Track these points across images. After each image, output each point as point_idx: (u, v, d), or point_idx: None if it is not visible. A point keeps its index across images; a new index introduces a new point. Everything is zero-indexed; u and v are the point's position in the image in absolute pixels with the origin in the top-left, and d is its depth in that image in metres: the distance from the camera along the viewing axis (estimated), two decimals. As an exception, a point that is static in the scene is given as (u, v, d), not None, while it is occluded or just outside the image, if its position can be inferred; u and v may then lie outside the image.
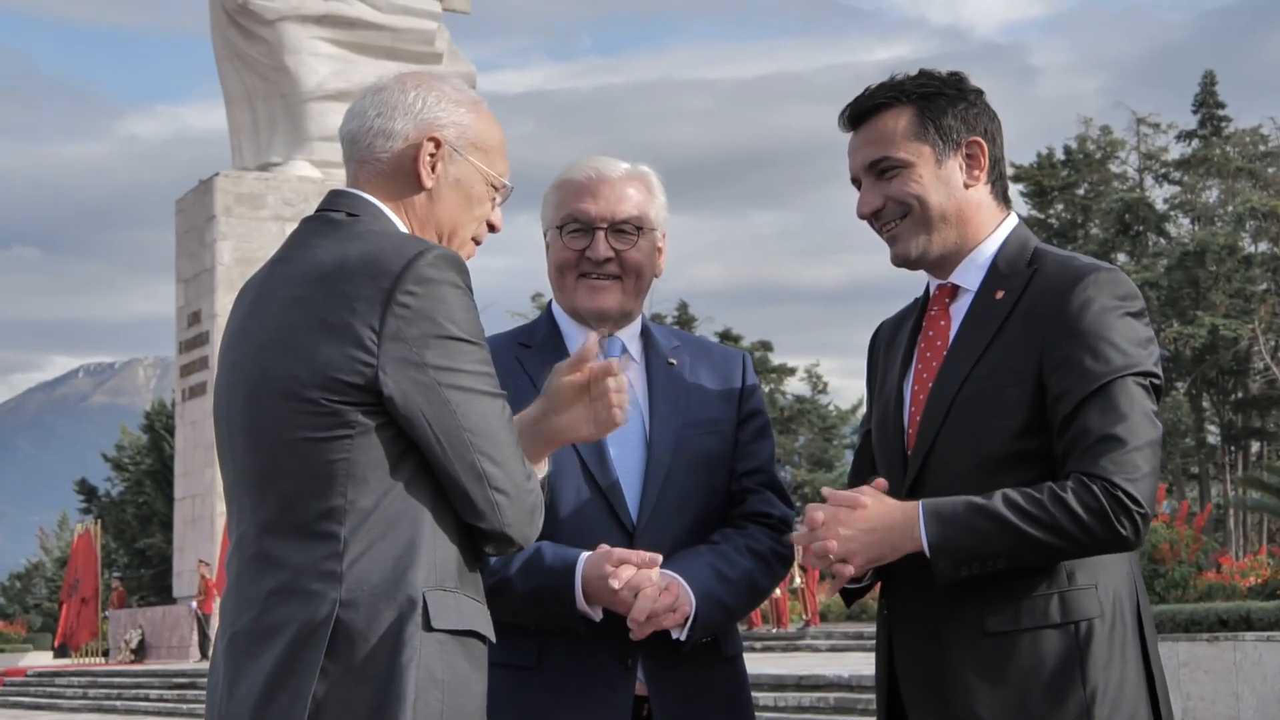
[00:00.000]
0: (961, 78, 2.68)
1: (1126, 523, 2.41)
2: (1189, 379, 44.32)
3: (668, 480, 2.79)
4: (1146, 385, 2.49)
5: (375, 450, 2.17)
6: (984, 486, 2.47)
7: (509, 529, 2.23)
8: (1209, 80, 48.77)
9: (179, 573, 30.64)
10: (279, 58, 30.60)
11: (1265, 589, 12.32)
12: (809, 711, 12.57)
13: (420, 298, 2.17)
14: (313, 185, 29.83)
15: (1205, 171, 46.88)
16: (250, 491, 2.24)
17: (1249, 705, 8.32)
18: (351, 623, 2.13)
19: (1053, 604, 2.47)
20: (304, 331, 2.19)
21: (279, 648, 2.14)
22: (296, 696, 2.12)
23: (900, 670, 2.59)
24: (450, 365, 2.18)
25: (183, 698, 20.68)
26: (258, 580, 2.20)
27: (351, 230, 2.28)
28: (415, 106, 2.35)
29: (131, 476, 51.41)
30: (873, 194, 2.63)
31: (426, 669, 2.14)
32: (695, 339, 3.05)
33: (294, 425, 2.18)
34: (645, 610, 2.60)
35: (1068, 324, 2.48)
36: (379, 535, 2.16)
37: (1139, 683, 2.50)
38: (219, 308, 29.15)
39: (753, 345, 56.49)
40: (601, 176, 2.87)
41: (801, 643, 20.59)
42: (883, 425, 2.69)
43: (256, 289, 2.33)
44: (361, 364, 2.15)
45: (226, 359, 2.33)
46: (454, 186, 2.37)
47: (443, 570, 2.20)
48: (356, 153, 2.37)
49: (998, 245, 2.63)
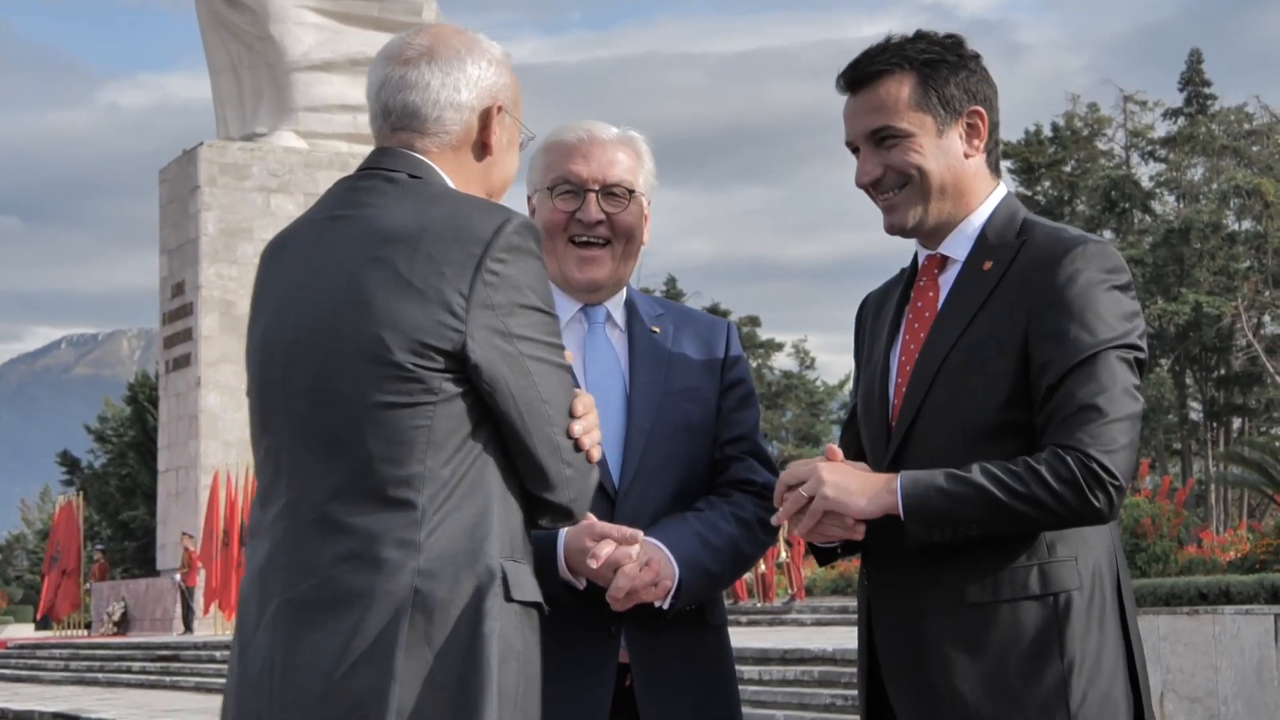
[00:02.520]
0: (960, 41, 2.65)
1: (1100, 495, 2.41)
2: (1172, 355, 44.60)
3: (648, 447, 2.78)
4: (1130, 359, 2.48)
5: (455, 418, 2.15)
6: (968, 457, 2.47)
7: (573, 504, 2.24)
8: (1195, 59, 48.83)
9: (162, 545, 30.75)
10: (264, 27, 30.46)
11: (1244, 563, 12.41)
12: (794, 684, 12.62)
13: (508, 265, 2.16)
14: (298, 156, 29.86)
15: (1191, 149, 47.04)
16: (314, 455, 2.18)
17: (1227, 677, 8.36)
18: (432, 593, 2.10)
19: (1032, 576, 2.47)
20: (387, 293, 2.14)
21: (354, 617, 2.09)
22: (380, 668, 2.07)
23: (879, 640, 2.59)
24: (532, 335, 2.18)
25: (165, 670, 20.70)
26: (322, 547, 2.14)
27: (424, 191, 2.24)
28: (476, 77, 2.33)
29: (114, 448, 51.44)
30: (872, 163, 2.60)
31: (506, 640, 2.13)
32: (679, 307, 3.03)
33: (375, 389, 2.13)
34: (624, 588, 2.60)
35: (1054, 296, 2.47)
36: (456, 504, 2.14)
37: (1117, 654, 2.50)
38: (203, 279, 29.03)
39: (740, 320, 56.70)
40: (594, 138, 2.84)
41: (787, 617, 20.69)
42: (868, 395, 2.68)
43: (312, 245, 2.25)
44: (450, 329, 2.13)
45: (281, 316, 2.25)
46: (507, 149, 2.38)
47: (513, 540, 2.20)
48: (418, 124, 2.31)
49: (986, 216, 2.61)
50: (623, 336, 2.88)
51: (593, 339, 2.87)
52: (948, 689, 2.48)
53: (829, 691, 12.02)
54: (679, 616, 2.73)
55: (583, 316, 2.88)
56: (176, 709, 15.20)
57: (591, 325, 2.88)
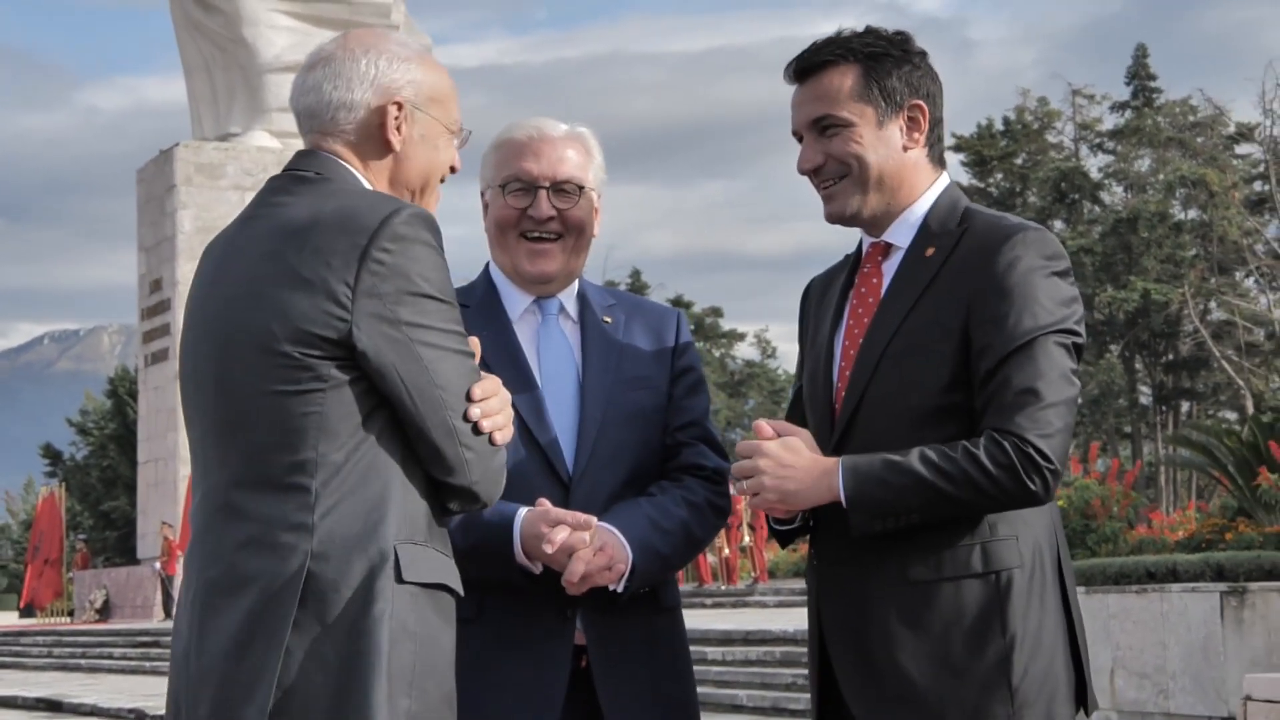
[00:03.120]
0: (907, 38, 2.68)
1: (1036, 479, 2.44)
2: (1122, 341, 45.20)
3: (601, 435, 2.82)
4: (1068, 345, 2.51)
5: (346, 404, 2.17)
6: (911, 440, 2.50)
7: (476, 485, 2.24)
8: (1141, 53, 49.55)
9: (143, 534, 31.14)
10: (237, 29, 30.80)
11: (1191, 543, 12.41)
12: (756, 665, 12.80)
13: (394, 254, 2.17)
14: (272, 155, 30.10)
15: (1137, 141, 47.66)
16: (218, 444, 2.23)
17: (1175, 654, 8.51)
18: (323, 575, 2.12)
19: (975, 554, 2.50)
20: (277, 286, 2.18)
21: (249, 600, 2.13)
22: (269, 648, 2.11)
23: (825, 619, 2.63)
24: (422, 322, 2.19)
25: (146, 656, 20.77)
26: (226, 532, 2.19)
27: (325, 188, 2.27)
28: (369, 73, 2.34)
29: (96, 441, 51.64)
30: (813, 150, 2.64)
31: (399, 621, 2.14)
32: (630, 297, 3.08)
33: (266, 378, 2.17)
34: (578, 573, 2.64)
35: (994, 281, 2.51)
36: (350, 489, 2.16)
37: (1058, 630, 2.53)
38: (180, 275, 29.56)
39: (704, 311, 57.04)
40: (543, 136, 2.88)
41: (750, 599, 20.84)
42: (812, 380, 2.71)
43: (224, 246, 2.31)
44: (335, 318, 2.15)
45: (195, 315, 2.31)
46: (419, 143, 2.37)
47: (413, 524, 2.20)
48: (318, 125, 2.36)
49: (929, 205, 2.65)
50: (575, 327, 2.93)
51: (546, 330, 2.91)
52: (891, 665, 2.51)
53: (790, 671, 12.16)
54: (633, 600, 2.77)
55: (536, 308, 2.92)
56: (157, 693, 14.98)
57: (545, 317, 2.92)
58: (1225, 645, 8.39)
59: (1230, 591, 8.52)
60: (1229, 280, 45.41)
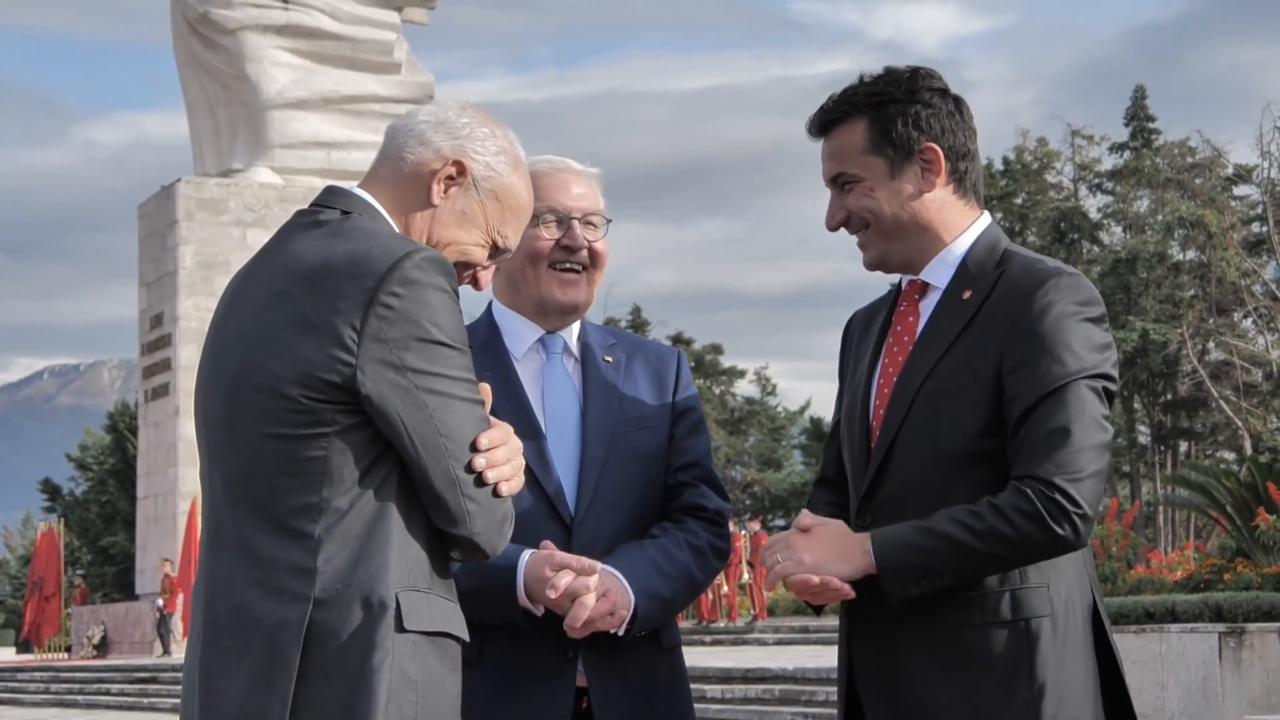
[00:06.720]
0: (918, 75, 2.66)
1: (1065, 525, 2.42)
2: (1121, 381, 45.53)
3: (603, 475, 2.84)
4: (1099, 389, 2.50)
5: (352, 450, 2.15)
6: (945, 483, 2.50)
7: (478, 537, 2.22)
8: (1139, 94, 49.88)
9: (141, 570, 31.00)
10: (240, 66, 30.99)
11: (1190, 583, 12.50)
12: (755, 703, 12.80)
13: (404, 299, 2.15)
14: (273, 191, 30.30)
15: (1136, 182, 47.94)
16: (228, 485, 2.22)
17: (1174, 694, 8.50)
18: (325, 622, 2.12)
19: (1004, 601, 2.49)
20: (285, 328, 2.17)
21: (256, 643, 2.14)
22: (274, 696, 2.11)
23: (856, 662, 2.63)
24: (430, 369, 2.16)
25: (144, 692, 20.74)
26: (235, 572, 2.19)
27: (341, 228, 2.25)
28: (459, 130, 2.35)
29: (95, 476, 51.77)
30: (836, 206, 2.68)
31: (400, 670, 2.12)
32: (631, 337, 3.09)
33: (272, 421, 2.16)
34: (581, 619, 2.64)
35: (1028, 327, 2.49)
36: (353, 535, 2.15)
37: (1088, 681, 2.52)
38: (181, 311, 29.43)
39: (704, 348, 57.02)
40: (569, 170, 2.95)
41: (749, 636, 20.87)
42: (850, 416, 2.71)
43: (241, 280, 2.30)
44: (341, 363, 2.13)
45: (208, 349, 2.29)
46: (457, 216, 2.34)
47: (415, 571, 2.19)
48: (389, 148, 2.36)
49: (968, 245, 2.64)
50: (578, 366, 2.95)
51: (550, 369, 2.93)
52: (921, 710, 2.50)
53: (789, 709, 12.22)
54: (635, 641, 2.78)
55: (540, 347, 2.94)
56: (153, 729, 14.88)
57: (550, 355, 2.94)
58: (1223, 686, 8.41)
59: (1229, 632, 8.57)
60: (1227, 321, 45.50)
